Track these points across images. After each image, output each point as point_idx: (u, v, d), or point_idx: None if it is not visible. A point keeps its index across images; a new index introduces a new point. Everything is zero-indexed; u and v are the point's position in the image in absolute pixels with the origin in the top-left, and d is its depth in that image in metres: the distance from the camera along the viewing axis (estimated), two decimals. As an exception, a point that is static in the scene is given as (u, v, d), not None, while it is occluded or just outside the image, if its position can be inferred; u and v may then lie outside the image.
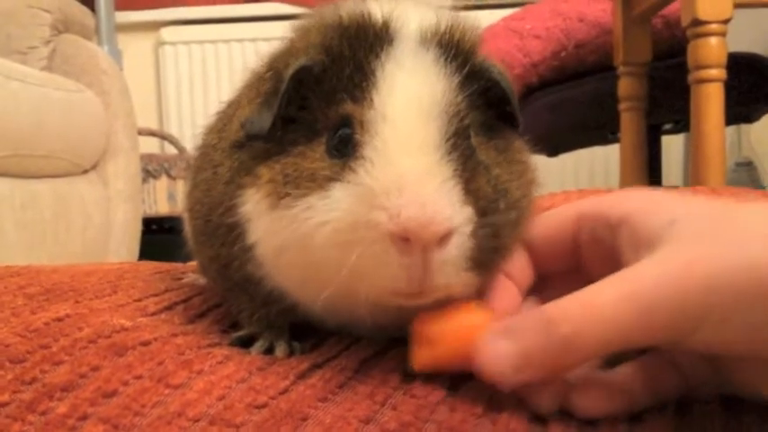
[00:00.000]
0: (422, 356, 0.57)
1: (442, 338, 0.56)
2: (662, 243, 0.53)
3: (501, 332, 0.53)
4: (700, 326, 0.49)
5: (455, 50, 0.59)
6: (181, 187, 3.70)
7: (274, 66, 0.63)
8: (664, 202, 0.57)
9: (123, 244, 2.81)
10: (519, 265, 0.64)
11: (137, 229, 2.93)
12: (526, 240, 0.64)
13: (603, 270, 0.58)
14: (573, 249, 0.64)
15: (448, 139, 0.55)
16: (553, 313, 0.52)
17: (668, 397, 0.56)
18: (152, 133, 4.13)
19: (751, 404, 0.55)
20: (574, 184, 4.08)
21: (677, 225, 0.53)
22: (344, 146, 0.56)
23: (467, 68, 0.59)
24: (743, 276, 0.48)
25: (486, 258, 0.56)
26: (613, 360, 0.59)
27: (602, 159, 4.13)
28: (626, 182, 2.47)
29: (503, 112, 0.63)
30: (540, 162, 0.67)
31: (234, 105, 0.70)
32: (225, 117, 0.70)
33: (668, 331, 0.51)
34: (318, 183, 0.55)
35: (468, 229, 0.54)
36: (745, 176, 3.74)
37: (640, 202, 0.58)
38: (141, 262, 1.06)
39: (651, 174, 2.62)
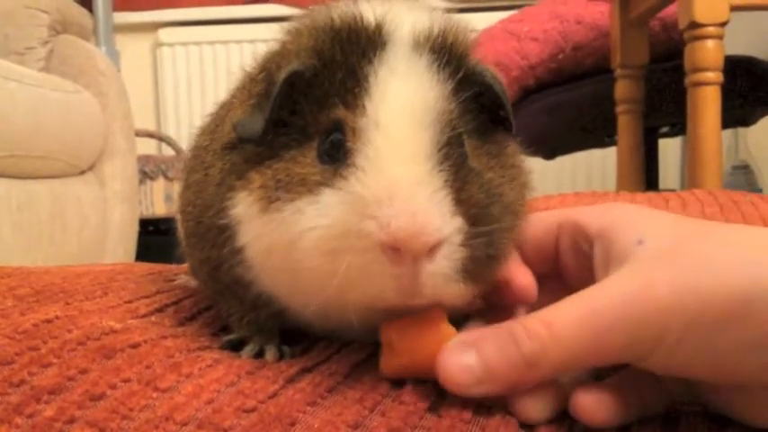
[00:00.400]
0: (388, 362, 0.58)
1: (406, 349, 0.57)
2: (627, 263, 0.54)
3: (464, 344, 0.54)
4: (656, 348, 0.51)
5: (448, 55, 0.58)
6: (178, 188, 3.70)
7: (266, 67, 0.63)
8: (636, 219, 0.58)
9: (120, 245, 2.81)
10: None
11: (133, 231, 2.93)
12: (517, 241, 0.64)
13: (581, 280, 0.60)
14: (556, 255, 0.65)
15: (440, 148, 0.55)
16: (516, 330, 0.53)
17: (655, 409, 0.56)
18: (149, 135, 4.12)
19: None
20: (571, 186, 4.08)
21: (644, 245, 0.54)
22: (336, 151, 0.56)
23: (460, 73, 0.58)
24: (695, 301, 0.49)
25: (480, 268, 0.56)
26: (601, 372, 0.59)
27: (600, 162, 4.13)
28: (623, 185, 2.47)
29: (496, 116, 0.62)
30: (537, 165, 0.67)
31: (226, 107, 0.69)
32: (217, 119, 0.70)
33: (626, 351, 0.52)
34: (309, 188, 0.55)
35: (458, 239, 0.54)
36: (742, 180, 3.74)
37: (616, 218, 0.59)
38: (134, 263, 1.05)
39: (648, 177, 2.62)
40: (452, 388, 0.54)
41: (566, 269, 0.64)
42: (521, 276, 0.62)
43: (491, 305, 0.65)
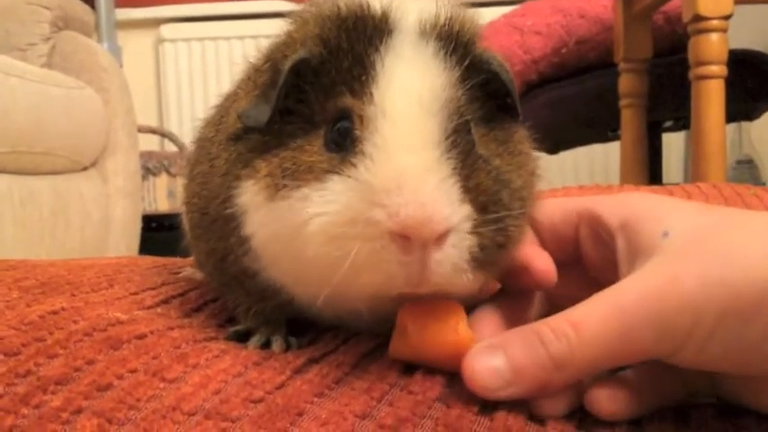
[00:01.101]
0: (398, 347, 0.58)
1: (420, 337, 0.57)
2: (654, 256, 0.53)
3: (491, 346, 0.54)
4: (686, 342, 0.50)
5: (455, 42, 0.58)
6: (181, 184, 3.70)
7: (272, 57, 0.63)
8: (660, 210, 0.57)
9: (122, 241, 2.80)
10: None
11: (136, 227, 2.93)
12: (534, 227, 0.64)
13: (602, 269, 0.60)
14: (575, 243, 0.64)
15: (448, 135, 0.55)
16: (543, 331, 0.53)
17: (670, 401, 0.56)
18: (152, 130, 4.12)
19: (747, 410, 0.55)
20: (574, 181, 4.08)
21: (669, 237, 0.54)
22: (343, 139, 0.56)
23: (467, 61, 0.58)
24: (724, 294, 0.49)
25: (490, 256, 0.56)
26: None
27: (603, 156, 4.13)
28: (626, 179, 2.46)
29: (503, 104, 0.62)
30: (540, 159, 0.67)
31: (231, 98, 0.69)
32: (222, 109, 0.70)
33: (655, 347, 0.51)
34: (316, 175, 0.55)
35: (467, 226, 0.54)
36: (746, 174, 3.74)
37: (638, 209, 0.58)
38: (139, 257, 1.05)
39: (651, 171, 2.62)
40: (479, 391, 0.53)
41: (586, 258, 0.64)
42: (540, 261, 0.61)
43: (506, 290, 0.65)
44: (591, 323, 0.51)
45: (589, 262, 0.64)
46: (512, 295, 0.64)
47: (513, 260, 0.60)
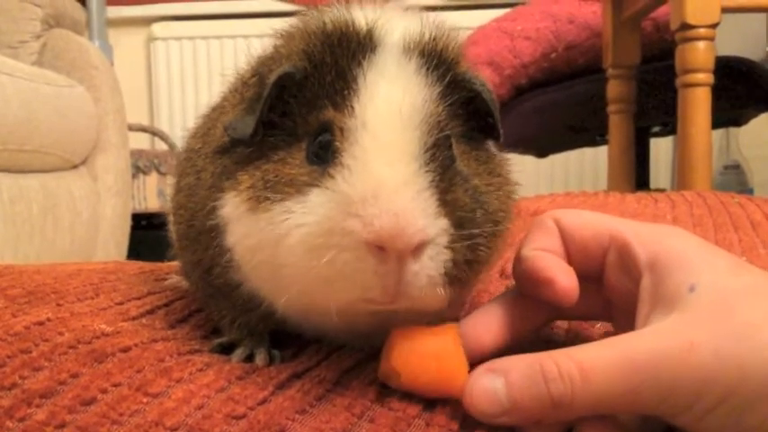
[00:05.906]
0: (386, 371, 0.57)
1: (407, 363, 0.56)
2: (674, 312, 0.53)
3: (494, 370, 0.54)
4: (687, 410, 0.50)
5: (437, 60, 0.59)
6: (170, 183, 3.68)
7: (258, 71, 0.63)
8: (691, 259, 0.56)
9: (112, 240, 2.80)
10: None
11: (126, 225, 2.92)
12: (563, 237, 0.64)
13: (621, 297, 0.59)
14: (600, 262, 0.63)
15: (427, 149, 0.55)
16: (548, 367, 0.52)
17: (654, 429, 0.56)
18: (142, 129, 4.11)
19: None
20: (563, 185, 4.08)
21: (695, 293, 0.53)
22: (324, 152, 0.56)
23: (448, 78, 0.59)
24: (735, 373, 0.48)
25: (462, 273, 0.56)
26: None
27: (591, 161, 4.13)
28: (614, 184, 2.47)
29: (485, 124, 0.63)
30: (530, 163, 0.67)
31: (218, 110, 0.70)
32: (209, 121, 0.70)
33: (656, 407, 0.51)
34: (297, 188, 0.56)
35: (443, 240, 0.54)
36: (733, 179, 3.76)
37: (670, 252, 0.57)
38: (125, 262, 1.05)
39: (639, 176, 2.63)
40: (477, 416, 0.54)
41: (608, 281, 0.63)
42: (565, 278, 0.60)
43: (522, 293, 0.64)
44: (597, 370, 0.51)
45: (609, 285, 0.63)
46: (526, 300, 0.63)
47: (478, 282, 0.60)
